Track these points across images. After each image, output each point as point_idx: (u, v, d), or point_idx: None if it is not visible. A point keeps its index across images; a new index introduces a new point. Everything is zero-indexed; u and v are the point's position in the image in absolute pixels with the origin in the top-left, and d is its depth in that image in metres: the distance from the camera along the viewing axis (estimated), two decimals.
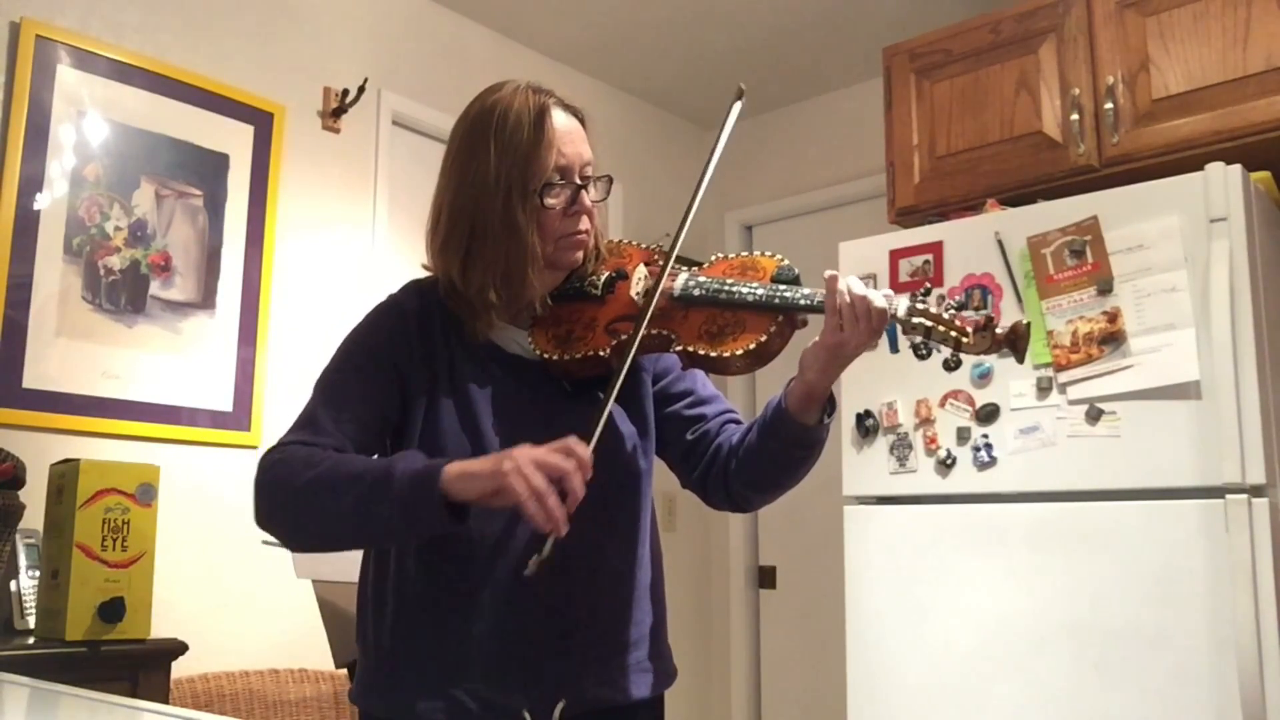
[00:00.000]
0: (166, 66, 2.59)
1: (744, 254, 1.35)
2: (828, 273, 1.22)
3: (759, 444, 1.32)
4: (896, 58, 2.83)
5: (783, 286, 1.25)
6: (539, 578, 1.15)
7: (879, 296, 1.20)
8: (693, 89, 3.86)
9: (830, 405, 1.30)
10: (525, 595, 1.24)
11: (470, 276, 1.30)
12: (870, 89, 3.54)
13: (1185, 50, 2.35)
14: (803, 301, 1.23)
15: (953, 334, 1.15)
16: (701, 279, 1.31)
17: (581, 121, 1.36)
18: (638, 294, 1.33)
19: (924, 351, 1.23)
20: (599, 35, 3.49)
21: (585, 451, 1.13)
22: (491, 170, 1.29)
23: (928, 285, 1.23)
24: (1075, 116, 2.47)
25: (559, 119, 1.31)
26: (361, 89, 2.93)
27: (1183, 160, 2.29)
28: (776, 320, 1.24)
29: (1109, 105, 2.42)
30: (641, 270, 1.36)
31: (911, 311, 1.18)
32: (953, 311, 1.17)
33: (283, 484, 1.20)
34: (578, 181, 1.32)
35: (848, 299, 1.19)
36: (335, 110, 2.92)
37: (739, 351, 1.23)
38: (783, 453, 1.31)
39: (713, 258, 1.36)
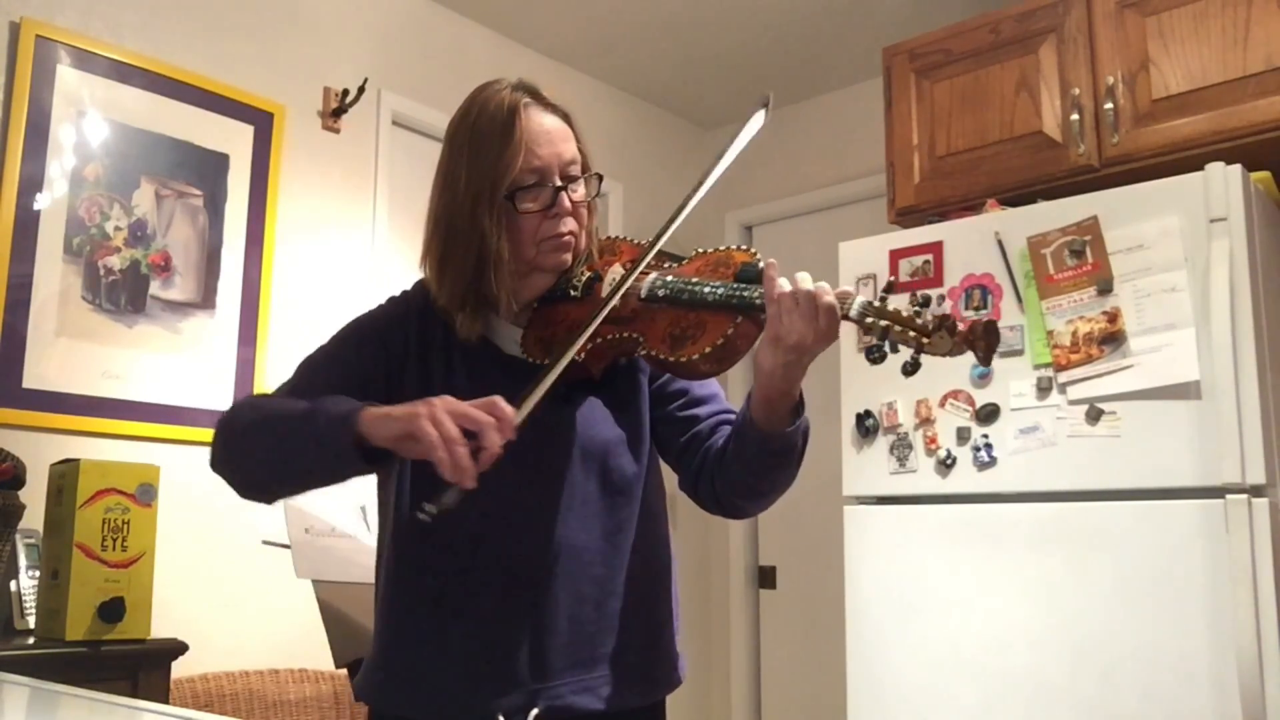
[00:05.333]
0: (166, 66, 2.59)
1: (721, 248, 1.29)
2: (766, 260, 1.16)
3: (734, 451, 1.27)
4: (896, 58, 2.83)
5: (745, 285, 1.19)
6: (439, 524, 1.09)
7: (828, 292, 1.12)
8: (693, 89, 3.86)
9: (799, 408, 1.23)
10: (502, 599, 1.24)
11: (442, 283, 1.30)
12: (870, 89, 3.54)
13: (1185, 50, 2.35)
14: (759, 300, 1.16)
15: (911, 334, 1.09)
16: (669, 279, 1.25)
17: (566, 119, 1.33)
18: (607, 295, 1.27)
19: (877, 354, 1.16)
20: (599, 35, 3.49)
21: (508, 410, 1.09)
22: (463, 175, 1.28)
23: (891, 281, 1.18)
24: (1075, 116, 2.47)
25: (534, 119, 1.28)
26: (361, 89, 2.93)
27: (1183, 160, 2.29)
28: (735, 321, 1.18)
29: (1109, 105, 2.42)
30: (616, 269, 1.32)
31: (866, 310, 1.11)
32: (912, 311, 1.10)
33: (227, 426, 1.26)
34: (557, 183, 1.28)
35: (786, 289, 1.13)
36: (335, 110, 2.92)
37: (695, 356, 1.18)
38: (755, 460, 1.24)
39: (693, 252, 1.32)
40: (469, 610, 1.25)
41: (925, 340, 1.08)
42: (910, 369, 1.14)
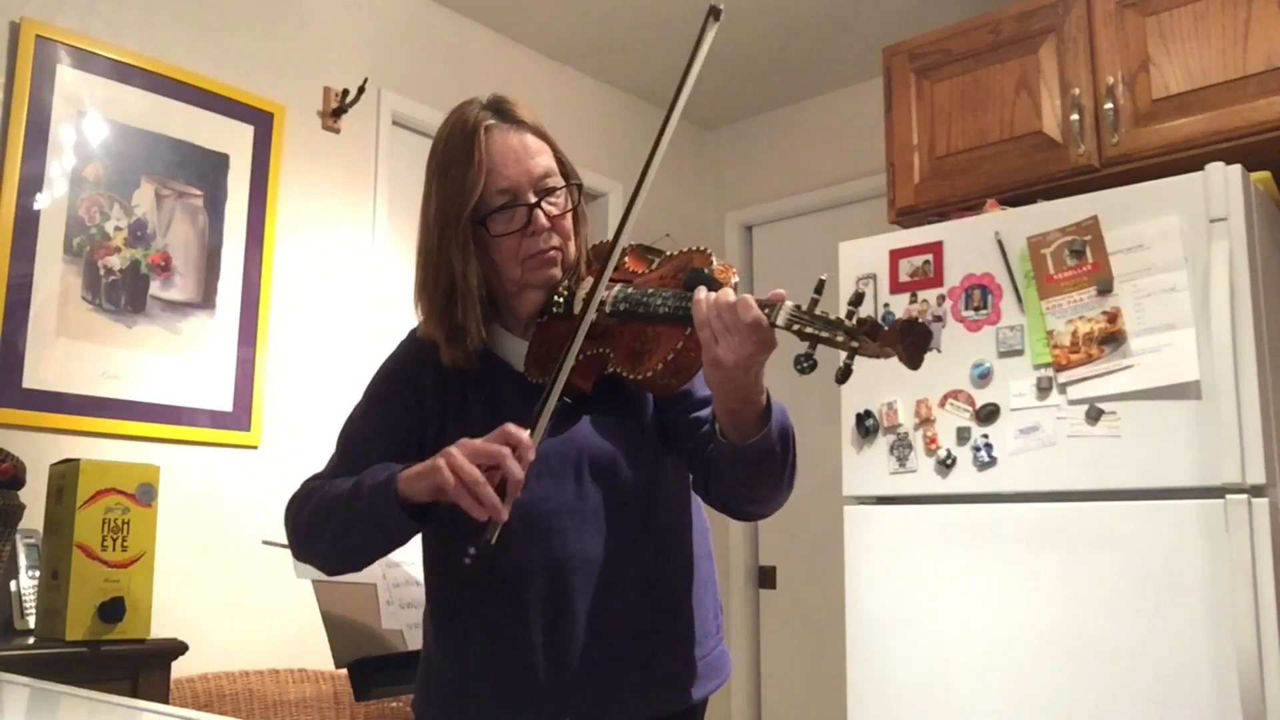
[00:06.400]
0: (166, 66, 2.59)
1: (684, 250, 1.24)
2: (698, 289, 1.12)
3: (717, 463, 1.24)
4: (896, 58, 2.83)
5: (691, 294, 1.13)
6: (481, 564, 1.14)
7: (751, 307, 1.07)
8: (693, 89, 3.86)
9: (766, 415, 1.18)
10: (523, 615, 1.24)
11: (419, 311, 1.31)
12: (870, 89, 3.54)
13: (1185, 50, 2.35)
14: None
15: (840, 337, 1.03)
16: (629, 291, 1.21)
17: (539, 132, 1.30)
18: (579, 312, 1.24)
19: (805, 364, 1.06)
20: (599, 35, 3.49)
21: (522, 434, 1.11)
22: (433, 204, 1.28)
23: (821, 280, 1.06)
24: (1075, 116, 2.47)
25: (497, 140, 1.26)
26: (361, 89, 2.93)
27: (1183, 160, 2.29)
28: (684, 333, 1.13)
29: (1109, 105, 2.42)
30: (587, 282, 1.28)
31: (793, 317, 1.05)
32: (841, 314, 1.05)
33: (292, 526, 1.31)
34: (530, 200, 1.26)
35: (711, 313, 1.09)
36: (335, 110, 2.92)
37: (651, 373, 1.16)
38: (735, 470, 1.21)
39: (666, 253, 1.28)
40: (493, 627, 1.26)
41: (855, 344, 1.03)
42: (842, 376, 1.05)
